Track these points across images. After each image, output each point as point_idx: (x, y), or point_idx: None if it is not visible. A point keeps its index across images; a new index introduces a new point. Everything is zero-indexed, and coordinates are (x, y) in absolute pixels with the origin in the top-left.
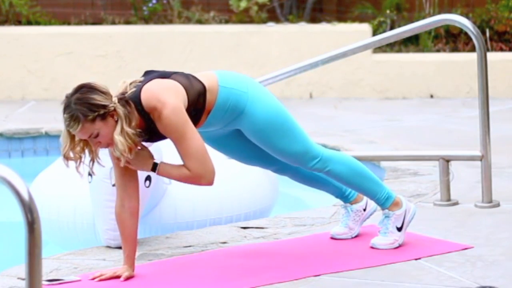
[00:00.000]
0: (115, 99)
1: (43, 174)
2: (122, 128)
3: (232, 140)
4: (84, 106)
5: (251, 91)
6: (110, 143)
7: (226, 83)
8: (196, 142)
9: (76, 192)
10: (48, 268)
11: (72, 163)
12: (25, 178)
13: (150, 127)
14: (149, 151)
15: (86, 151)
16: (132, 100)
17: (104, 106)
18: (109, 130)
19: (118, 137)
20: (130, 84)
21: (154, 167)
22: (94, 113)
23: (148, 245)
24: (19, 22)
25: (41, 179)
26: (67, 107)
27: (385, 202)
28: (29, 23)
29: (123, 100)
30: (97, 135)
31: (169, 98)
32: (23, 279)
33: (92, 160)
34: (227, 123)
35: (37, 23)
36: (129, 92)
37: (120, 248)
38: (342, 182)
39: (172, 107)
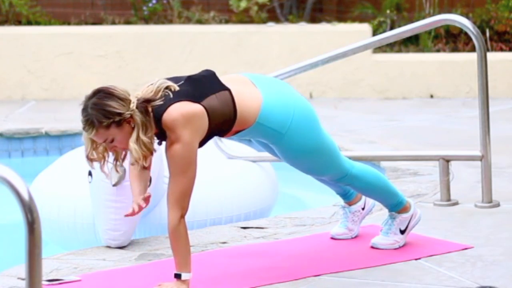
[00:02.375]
0: (133, 106)
1: (43, 174)
2: (138, 136)
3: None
4: (100, 112)
5: (290, 132)
6: (125, 148)
7: (265, 120)
8: (189, 182)
9: (76, 192)
10: (48, 268)
11: (96, 164)
12: (25, 178)
13: (163, 134)
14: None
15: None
16: (154, 113)
17: (120, 114)
18: (125, 136)
19: (133, 145)
20: (164, 89)
21: (179, 276)
22: (109, 119)
23: (148, 245)
24: (19, 22)
25: (41, 179)
26: (84, 110)
27: (395, 207)
28: (29, 23)
29: (144, 107)
30: (112, 141)
31: (185, 134)
32: (23, 279)
33: (116, 159)
34: (257, 140)
35: (37, 23)
36: (155, 103)
37: (120, 248)
38: (358, 192)
39: (184, 145)
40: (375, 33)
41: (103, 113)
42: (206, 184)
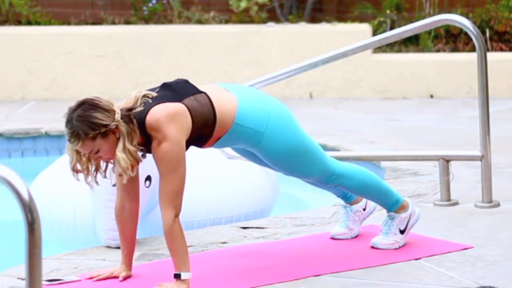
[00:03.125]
0: (117, 116)
1: (43, 174)
2: (124, 146)
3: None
4: (85, 124)
5: (268, 130)
6: (110, 158)
7: (243, 121)
8: (180, 181)
9: (76, 192)
10: (48, 268)
11: (81, 175)
12: (25, 178)
13: (148, 144)
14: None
15: (92, 161)
16: (136, 119)
17: (105, 125)
18: (110, 147)
19: (120, 154)
20: (142, 97)
21: (179, 275)
22: (95, 131)
23: (148, 245)
24: (19, 22)
25: (41, 179)
26: (68, 122)
27: (392, 207)
28: (29, 23)
29: (127, 116)
30: (97, 151)
31: (171, 131)
32: (23, 279)
33: (97, 169)
34: (239, 146)
35: (37, 23)
36: (136, 110)
37: (120, 248)
38: (352, 193)
39: (172, 142)
40: (375, 33)
41: (89, 124)
42: (206, 184)
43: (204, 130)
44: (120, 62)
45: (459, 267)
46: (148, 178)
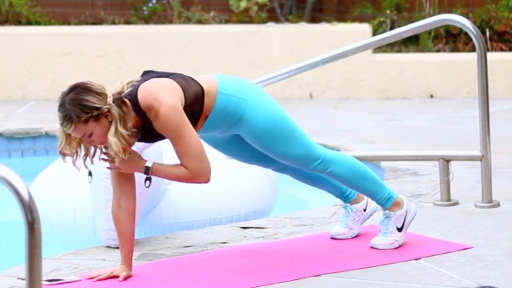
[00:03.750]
0: (109, 100)
1: (43, 174)
2: (116, 129)
3: (233, 142)
4: (77, 107)
5: (250, 98)
6: (103, 142)
7: (225, 89)
8: (193, 140)
9: (76, 192)
10: (48, 268)
11: (69, 158)
12: (25, 178)
13: (146, 127)
14: (139, 155)
15: (82, 146)
16: (129, 99)
17: (98, 108)
18: (103, 130)
19: (112, 138)
20: (127, 83)
21: (147, 170)
22: (87, 114)
23: (148, 245)
24: (19, 22)
25: (41, 179)
26: (61, 106)
27: (386, 203)
28: (29, 23)
29: (120, 100)
30: (90, 135)
31: (166, 97)
32: (23, 279)
33: (86, 154)
34: (226, 128)
35: (37, 23)
36: (125, 91)
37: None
38: (343, 183)
39: (169, 105)
40: (375, 33)
41: (81, 107)
42: (206, 184)
43: (195, 105)
44: (120, 62)
45: (459, 267)
46: (148, 178)
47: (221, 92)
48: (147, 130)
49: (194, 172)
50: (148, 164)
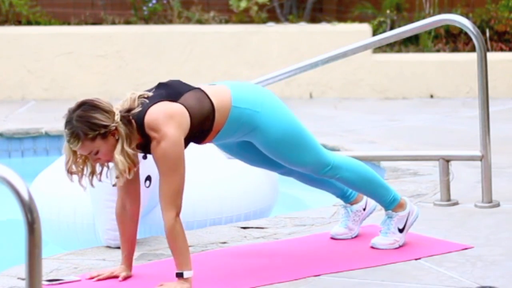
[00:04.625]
0: (117, 117)
1: (43, 174)
2: (122, 148)
3: (242, 146)
4: (85, 124)
5: (264, 109)
6: (109, 160)
7: (239, 102)
8: (180, 179)
9: (76, 192)
10: (48, 268)
11: (76, 177)
12: (25, 178)
13: (147, 144)
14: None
15: (88, 164)
16: (135, 120)
17: (105, 126)
18: (109, 148)
19: (118, 157)
20: (138, 98)
21: (181, 274)
22: (95, 132)
23: (148, 245)
24: (19, 22)
25: (41, 179)
26: (68, 123)
27: (390, 205)
28: (29, 23)
29: (126, 118)
30: (96, 153)
31: (169, 130)
32: (23, 279)
33: (92, 173)
34: (237, 138)
35: (37, 23)
36: (134, 111)
37: (120, 248)
38: (350, 187)
39: (171, 141)
40: (375, 33)
41: (89, 125)
42: (206, 184)
43: (204, 125)
44: (120, 62)
45: (459, 267)
46: (148, 178)
47: (235, 106)
48: (148, 149)
49: (166, 203)
50: (179, 271)
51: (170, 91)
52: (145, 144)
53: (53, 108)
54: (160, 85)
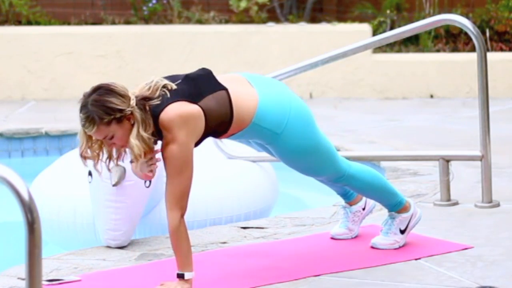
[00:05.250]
0: (133, 102)
1: (43, 174)
2: (138, 132)
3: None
4: (101, 108)
5: (285, 131)
6: (124, 145)
7: (261, 121)
8: (186, 180)
9: (76, 192)
10: (48, 268)
11: (89, 162)
12: (25, 178)
13: (159, 136)
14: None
15: (104, 149)
16: (151, 112)
17: (121, 110)
18: (125, 133)
19: (134, 141)
20: (162, 88)
21: (182, 275)
22: (110, 116)
23: (148, 245)
24: (19, 22)
25: (41, 179)
26: (83, 107)
27: (395, 207)
28: (29, 23)
29: (143, 104)
30: (112, 137)
31: (181, 134)
32: (23, 279)
33: (109, 157)
34: (252, 140)
35: (37, 23)
36: (153, 102)
37: (120, 248)
38: (358, 193)
39: (181, 145)
40: (375, 33)
41: (104, 109)
42: (206, 184)
43: (219, 128)
44: (120, 62)
45: (459, 267)
46: None
47: (255, 123)
48: (159, 137)
49: (172, 204)
50: (179, 272)
51: (193, 90)
52: (157, 133)
53: (53, 108)
54: (187, 79)
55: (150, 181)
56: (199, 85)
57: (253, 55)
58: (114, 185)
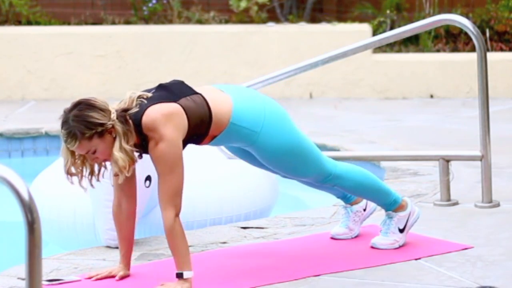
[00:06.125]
0: (113, 116)
1: (43, 174)
2: (120, 145)
3: (241, 149)
4: (82, 123)
5: (264, 129)
6: (107, 159)
7: (238, 120)
8: (179, 178)
9: (76, 192)
10: (48, 268)
11: (75, 179)
12: (25, 178)
13: (145, 145)
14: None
15: (86, 165)
16: (133, 120)
17: (102, 124)
18: (107, 147)
19: (118, 154)
20: (137, 98)
21: (181, 275)
22: (92, 130)
23: (148, 245)
24: (19, 22)
25: (41, 179)
26: (64, 123)
27: (391, 206)
28: (29, 23)
29: (123, 117)
30: (94, 152)
31: (168, 131)
32: (23, 279)
33: (91, 173)
34: (235, 145)
35: (37, 23)
36: (132, 111)
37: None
38: (349, 193)
39: (169, 142)
40: (375, 33)
41: (85, 124)
42: (206, 184)
43: (200, 129)
44: (120, 62)
45: (459, 267)
46: (148, 178)
47: (233, 123)
48: (145, 149)
49: (165, 203)
50: (179, 271)
51: (170, 94)
52: (141, 144)
53: (53, 108)
54: (160, 87)
55: (150, 182)
56: (173, 90)
57: (253, 55)
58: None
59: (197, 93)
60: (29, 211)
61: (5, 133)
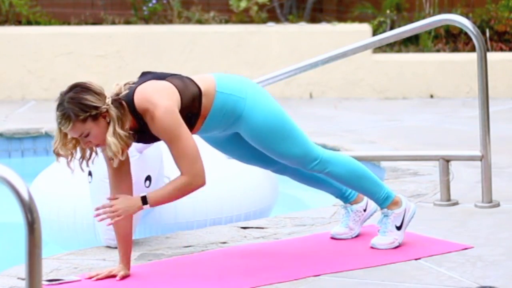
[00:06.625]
0: (108, 100)
1: (43, 174)
2: (114, 130)
3: (232, 142)
4: (76, 105)
5: (249, 96)
6: (100, 143)
7: (223, 88)
8: (189, 142)
9: (76, 192)
10: (48, 268)
11: (62, 159)
12: (25, 178)
13: (142, 128)
14: (129, 196)
15: (78, 148)
16: (125, 101)
17: (96, 107)
18: (100, 131)
19: (111, 139)
20: (124, 85)
21: (145, 201)
22: (86, 113)
23: (148, 245)
24: (19, 22)
25: (41, 179)
26: (60, 105)
27: (384, 202)
28: (29, 23)
29: (117, 101)
30: (87, 135)
31: (161, 100)
32: (23, 279)
33: (82, 157)
34: (225, 127)
35: (37, 23)
36: (122, 93)
37: None
38: (341, 183)
39: (165, 108)
40: (375, 33)
41: (80, 106)
42: (206, 184)
43: (193, 106)
44: (120, 62)
45: (459, 267)
46: (148, 178)
47: (219, 92)
48: (143, 132)
49: (191, 174)
50: (143, 193)
51: (155, 76)
52: (139, 127)
53: (53, 108)
54: (144, 73)
55: (150, 182)
56: (158, 74)
57: (253, 55)
58: None
59: (180, 75)
60: (29, 211)
61: (5, 133)
